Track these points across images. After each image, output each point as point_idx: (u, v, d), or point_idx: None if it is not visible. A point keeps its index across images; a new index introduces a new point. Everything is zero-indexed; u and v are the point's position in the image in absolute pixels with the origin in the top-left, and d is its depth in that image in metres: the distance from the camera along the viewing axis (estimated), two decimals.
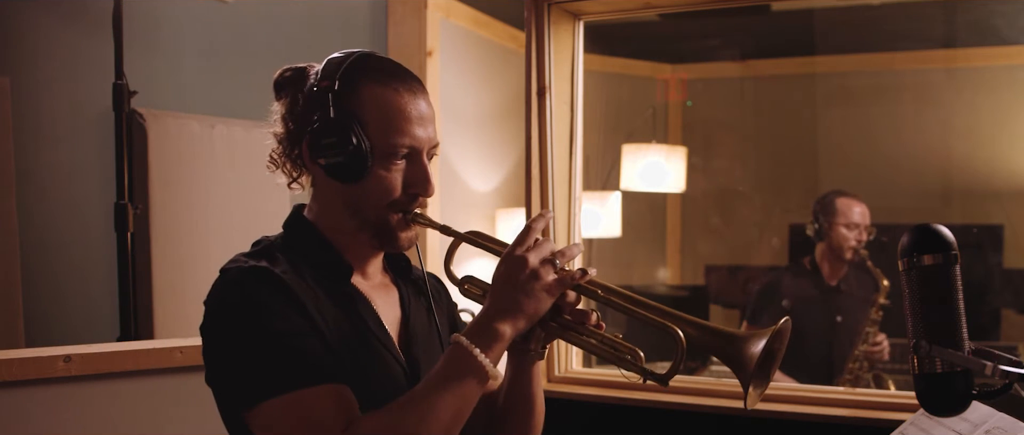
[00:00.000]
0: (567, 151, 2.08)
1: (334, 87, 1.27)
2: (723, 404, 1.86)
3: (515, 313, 1.21)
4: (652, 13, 3.76)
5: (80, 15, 2.84)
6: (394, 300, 1.41)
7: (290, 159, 1.34)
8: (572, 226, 2.09)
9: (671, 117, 5.14)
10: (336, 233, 1.34)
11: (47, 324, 2.80)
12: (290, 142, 1.33)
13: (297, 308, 1.21)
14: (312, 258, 1.31)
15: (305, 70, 1.34)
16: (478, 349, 1.19)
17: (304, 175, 1.36)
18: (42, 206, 2.82)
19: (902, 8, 4.23)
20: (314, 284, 1.27)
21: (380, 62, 1.32)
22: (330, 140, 1.25)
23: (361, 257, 1.36)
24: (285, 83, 1.34)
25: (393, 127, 1.27)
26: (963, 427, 1.32)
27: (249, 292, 1.21)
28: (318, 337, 1.21)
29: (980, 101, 4.48)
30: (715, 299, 4.59)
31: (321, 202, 1.36)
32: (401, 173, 1.29)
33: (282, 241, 1.35)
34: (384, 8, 3.48)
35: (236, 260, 1.28)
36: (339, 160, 1.26)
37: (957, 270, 1.06)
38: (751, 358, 1.15)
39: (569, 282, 1.23)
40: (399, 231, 1.32)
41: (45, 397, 1.88)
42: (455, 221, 1.42)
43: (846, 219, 3.14)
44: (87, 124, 2.85)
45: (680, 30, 4.81)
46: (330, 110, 1.26)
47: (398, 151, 1.28)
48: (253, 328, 1.19)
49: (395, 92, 1.28)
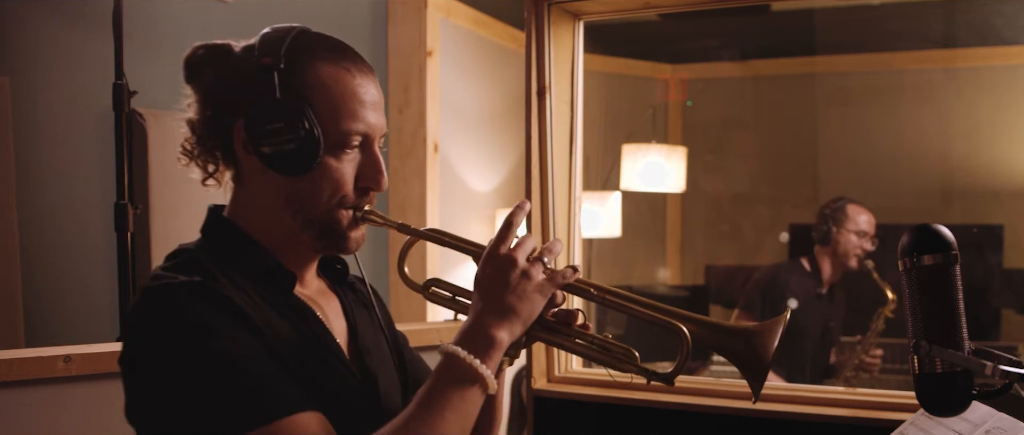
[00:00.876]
0: (567, 151, 2.08)
1: (279, 65, 1.11)
2: (724, 404, 1.86)
3: (510, 317, 1.10)
4: (652, 13, 3.76)
5: (80, 15, 2.84)
6: (337, 309, 1.26)
7: (208, 150, 1.18)
8: (572, 226, 2.09)
9: (671, 117, 5.14)
10: (270, 235, 1.17)
11: (47, 324, 2.80)
12: (210, 130, 1.16)
13: (247, 327, 1.05)
14: (246, 267, 1.15)
15: (226, 48, 1.17)
16: (476, 359, 1.08)
17: (223, 169, 1.19)
18: (42, 206, 2.82)
19: (902, 8, 4.23)
20: (257, 297, 1.11)
21: (325, 39, 1.18)
22: (276, 124, 1.09)
23: (301, 262, 1.21)
24: (201, 62, 1.17)
25: (346, 111, 1.12)
26: (963, 427, 1.31)
27: (188, 312, 1.03)
28: (276, 359, 1.05)
29: (980, 101, 4.48)
30: (715, 299, 4.59)
31: (251, 199, 1.18)
32: (353, 164, 1.15)
33: (206, 249, 1.16)
34: (384, 8, 3.48)
35: (160, 276, 1.08)
36: (288, 148, 1.10)
37: (957, 270, 1.06)
38: (757, 354, 1.11)
39: (560, 281, 1.14)
40: (349, 231, 1.18)
41: (45, 397, 1.88)
42: (455, 221, 1.39)
43: (857, 226, 3.14)
44: (87, 124, 2.85)
45: (680, 30, 4.81)
46: (276, 90, 1.10)
47: (351, 139, 1.13)
48: (201, 354, 1.01)
49: (347, 72, 1.13)
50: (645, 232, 5.03)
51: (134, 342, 1.08)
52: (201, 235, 1.21)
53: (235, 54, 1.16)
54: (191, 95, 1.18)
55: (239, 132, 1.13)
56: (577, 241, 2.12)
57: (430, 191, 3.42)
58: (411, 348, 1.40)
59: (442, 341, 1.12)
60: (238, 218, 1.19)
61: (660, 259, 5.18)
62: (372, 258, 3.36)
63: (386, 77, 3.46)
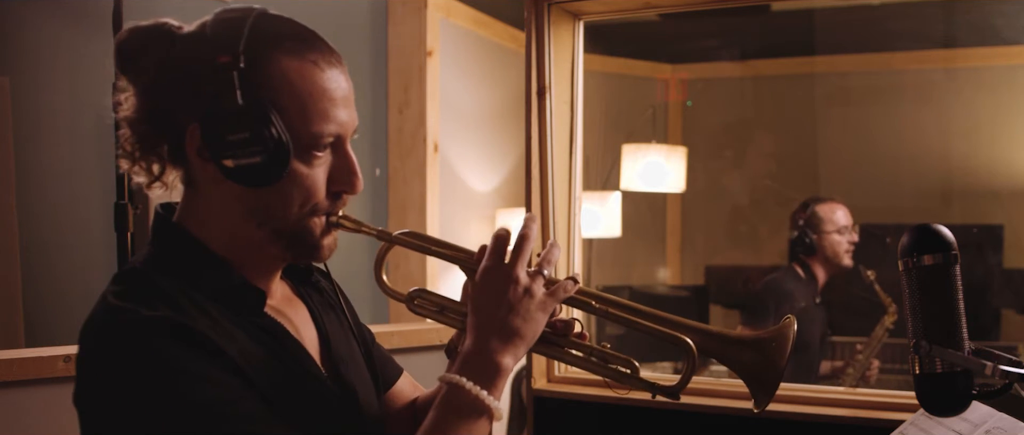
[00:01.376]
0: (567, 151, 2.08)
1: (239, 64, 0.96)
2: (724, 404, 1.86)
3: (515, 341, 1.03)
4: (652, 13, 3.76)
5: (80, 15, 2.84)
6: (305, 317, 1.16)
7: (152, 151, 1.03)
8: (572, 226, 2.09)
9: (671, 117, 5.15)
10: (232, 247, 1.04)
11: (47, 324, 2.80)
12: (155, 130, 1.02)
13: (223, 365, 0.94)
14: (208, 285, 1.01)
15: (168, 32, 1.02)
16: (483, 390, 1.00)
17: (170, 171, 1.05)
18: (42, 206, 2.82)
19: (902, 8, 4.23)
20: (225, 322, 1.00)
21: (286, 25, 1.03)
22: (239, 134, 0.95)
23: (266, 273, 1.09)
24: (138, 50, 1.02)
25: (316, 111, 0.99)
26: (963, 427, 1.31)
27: (157, 354, 0.91)
28: (256, 395, 0.96)
29: (980, 101, 4.48)
30: (715, 299, 4.59)
31: (207, 207, 1.04)
32: (324, 168, 1.03)
33: (158, 265, 1.03)
34: (384, 8, 3.48)
35: (120, 311, 0.95)
36: (254, 161, 0.96)
37: (957, 270, 1.06)
38: (768, 364, 1.06)
39: (562, 295, 1.07)
40: (322, 239, 1.06)
41: (45, 397, 1.88)
42: (455, 221, 1.34)
43: (835, 225, 3.06)
44: (87, 124, 2.85)
45: (680, 30, 4.81)
46: (237, 96, 0.95)
47: (322, 142, 1.01)
48: (181, 404, 0.91)
49: (314, 66, 1.00)
50: (645, 232, 5.03)
51: (99, 388, 0.94)
52: (151, 245, 1.07)
53: (181, 42, 1.01)
54: (127, 87, 1.04)
55: (193, 136, 0.99)
56: (577, 241, 2.12)
57: (430, 191, 3.41)
58: (378, 344, 1.33)
59: (441, 341, 1.07)
60: (193, 226, 1.05)
61: (660, 259, 5.18)
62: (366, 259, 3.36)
63: (386, 77, 3.46)
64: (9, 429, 1.86)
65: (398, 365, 1.38)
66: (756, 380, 1.09)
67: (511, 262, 1.06)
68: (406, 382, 1.37)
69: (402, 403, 1.34)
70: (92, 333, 0.97)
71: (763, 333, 1.11)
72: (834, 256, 3.10)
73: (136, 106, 1.03)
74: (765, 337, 1.10)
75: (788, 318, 1.11)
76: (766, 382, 1.08)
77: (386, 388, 1.32)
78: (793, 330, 1.09)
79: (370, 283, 3.68)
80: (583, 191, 2.15)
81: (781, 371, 1.07)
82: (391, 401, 1.33)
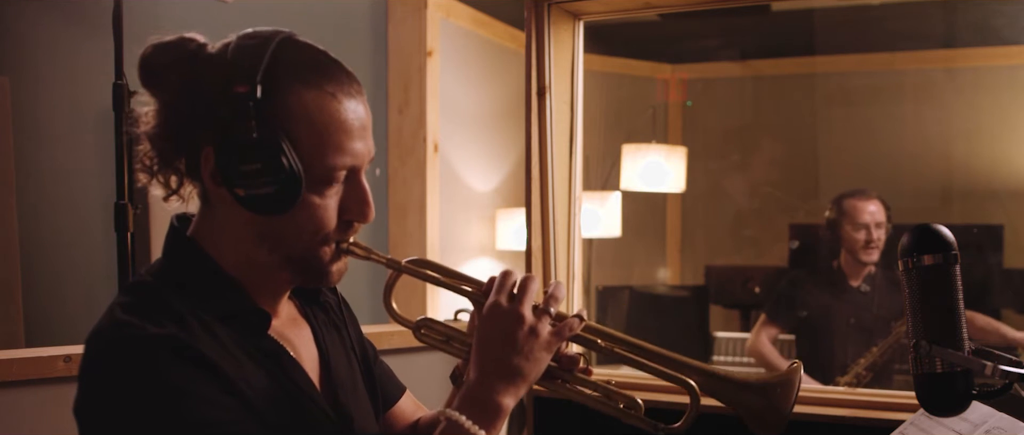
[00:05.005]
0: (567, 151, 2.08)
1: (255, 94, 0.96)
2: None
3: (517, 381, 1.03)
4: (652, 13, 3.76)
5: (80, 15, 2.84)
6: (308, 338, 1.16)
7: (171, 168, 1.05)
8: (572, 226, 2.09)
9: (671, 117, 5.15)
10: (242, 268, 1.05)
11: (47, 324, 2.80)
12: (174, 147, 1.03)
13: (224, 385, 0.95)
14: (215, 305, 1.02)
15: (192, 50, 1.02)
16: (482, 430, 1.01)
17: (188, 185, 1.07)
18: (42, 206, 2.82)
19: (902, 8, 4.23)
20: (230, 342, 1.01)
21: (308, 54, 1.03)
22: (252, 166, 0.96)
23: (274, 294, 1.10)
24: (164, 66, 1.02)
25: (331, 145, 1.00)
26: (963, 427, 1.31)
27: (161, 373, 0.92)
28: (254, 418, 0.97)
29: (980, 101, 4.48)
30: (715, 299, 4.59)
31: (220, 227, 1.05)
32: (337, 198, 1.03)
33: (168, 279, 1.04)
34: (384, 8, 3.48)
35: (127, 325, 0.96)
36: (265, 192, 0.97)
37: (957, 270, 1.06)
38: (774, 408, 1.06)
39: (567, 333, 1.07)
40: (331, 265, 1.07)
41: (45, 397, 1.88)
42: (455, 221, 1.34)
43: (854, 221, 3.10)
44: (87, 124, 2.85)
45: (680, 30, 4.81)
46: (251, 125, 0.95)
47: (336, 175, 1.01)
48: (181, 423, 0.92)
49: (332, 99, 1.00)
50: (645, 232, 5.03)
51: (100, 401, 0.95)
52: (164, 258, 1.08)
53: (204, 61, 1.01)
54: (149, 102, 1.04)
55: (207, 160, 1.00)
56: (577, 241, 2.12)
57: (430, 191, 3.41)
58: (380, 361, 1.33)
59: None
60: (206, 242, 1.06)
61: (660, 259, 5.18)
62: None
63: (386, 77, 3.46)
64: (9, 429, 1.86)
65: (401, 384, 1.36)
66: (760, 422, 1.09)
67: (518, 300, 1.05)
68: (408, 402, 1.36)
69: (403, 424, 1.33)
70: (98, 345, 0.97)
71: (769, 377, 1.11)
72: (851, 251, 3.13)
73: (156, 121, 1.04)
74: (771, 381, 1.09)
75: (795, 363, 1.11)
76: (771, 426, 1.08)
77: (386, 408, 1.30)
78: (799, 377, 1.08)
79: (370, 284, 3.68)
80: (583, 191, 2.15)
81: (786, 415, 1.07)
82: (392, 421, 1.32)
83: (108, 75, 2.37)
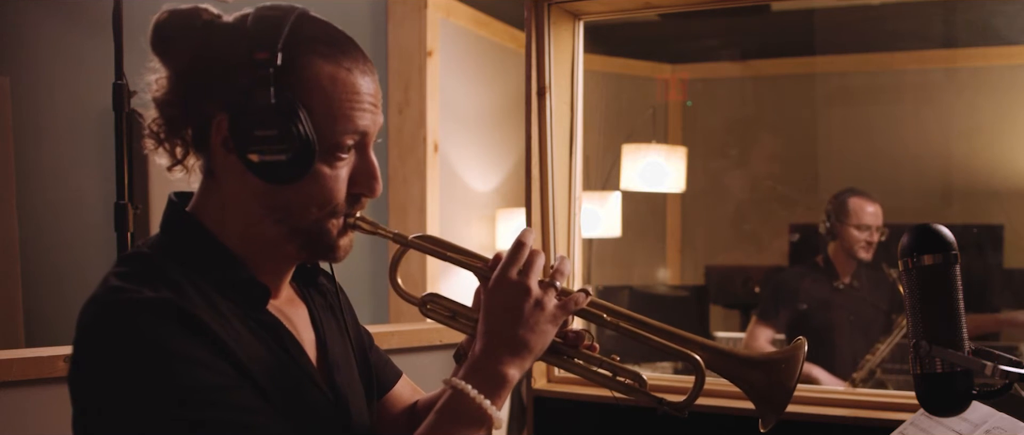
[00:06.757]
0: (567, 151, 2.08)
1: (275, 61, 0.97)
2: (724, 404, 1.85)
3: (522, 353, 1.04)
4: (652, 13, 3.76)
5: (80, 15, 2.84)
6: (305, 319, 1.16)
7: (178, 135, 1.05)
8: (572, 226, 2.09)
9: (671, 117, 5.15)
10: (245, 243, 1.05)
11: (47, 324, 2.80)
12: (183, 114, 1.03)
13: (220, 351, 0.95)
14: (214, 277, 1.02)
15: (206, 19, 1.03)
16: (487, 399, 1.02)
17: (192, 156, 1.06)
18: (42, 206, 2.82)
19: (902, 8, 4.23)
20: (228, 312, 1.00)
21: (325, 29, 1.05)
22: (268, 131, 0.97)
23: (277, 272, 1.10)
24: (174, 33, 1.02)
25: (343, 115, 1.01)
26: (963, 427, 1.31)
27: (155, 336, 0.91)
28: (250, 386, 0.97)
29: (980, 101, 4.48)
30: (715, 299, 4.59)
31: (225, 200, 1.05)
32: (347, 169, 1.04)
33: (165, 252, 1.03)
34: (384, 8, 3.48)
35: (121, 290, 0.95)
36: (279, 159, 0.98)
37: (957, 270, 1.06)
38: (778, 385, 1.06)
39: (572, 307, 1.08)
40: (339, 239, 1.07)
41: (45, 397, 1.88)
42: (455, 221, 1.34)
43: (857, 220, 3.13)
44: (87, 124, 2.85)
45: (680, 30, 4.81)
46: (270, 92, 0.97)
47: (346, 145, 1.02)
48: (176, 387, 0.91)
49: (347, 72, 1.01)
50: (645, 232, 5.03)
51: (95, 366, 0.94)
52: (162, 233, 1.07)
53: (218, 31, 1.02)
54: (160, 69, 1.04)
55: (220, 127, 1.00)
56: (577, 241, 2.12)
57: (430, 191, 3.41)
58: (376, 347, 1.33)
59: (442, 341, 1.07)
60: (207, 218, 1.05)
61: (660, 259, 5.18)
62: (371, 260, 3.36)
63: (386, 77, 3.46)
64: (9, 429, 1.86)
65: (397, 368, 1.37)
66: (764, 399, 1.10)
67: (524, 273, 1.06)
68: (405, 386, 1.36)
69: (400, 407, 1.33)
70: (91, 311, 0.97)
71: (774, 354, 1.11)
72: (849, 249, 3.16)
73: (167, 88, 1.04)
74: (775, 358, 1.10)
75: (799, 340, 1.11)
76: (775, 402, 1.08)
77: (383, 392, 1.31)
78: (804, 352, 1.09)
79: (371, 284, 3.67)
80: (583, 191, 2.15)
81: (790, 392, 1.07)
82: (389, 405, 1.32)
83: (108, 75, 2.37)
